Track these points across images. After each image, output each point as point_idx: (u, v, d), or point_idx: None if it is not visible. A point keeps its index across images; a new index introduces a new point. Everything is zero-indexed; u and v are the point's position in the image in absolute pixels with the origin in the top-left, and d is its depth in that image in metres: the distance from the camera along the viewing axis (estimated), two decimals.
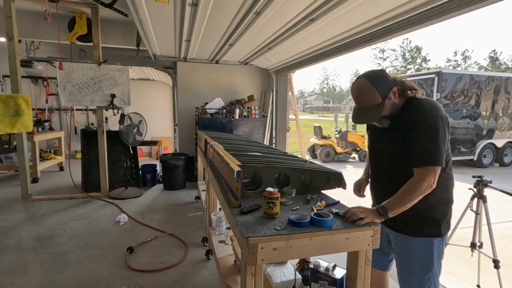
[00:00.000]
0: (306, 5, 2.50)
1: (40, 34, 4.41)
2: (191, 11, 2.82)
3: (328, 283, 1.41)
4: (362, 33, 3.01)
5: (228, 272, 1.98)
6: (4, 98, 2.87)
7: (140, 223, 3.42)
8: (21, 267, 2.44)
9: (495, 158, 7.83)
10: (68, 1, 3.80)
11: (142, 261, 2.58)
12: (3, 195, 4.39)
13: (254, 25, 3.04)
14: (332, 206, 1.39)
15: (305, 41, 3.53)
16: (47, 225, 3.32)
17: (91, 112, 7.43)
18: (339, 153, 8.72)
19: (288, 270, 1.77)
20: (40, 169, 5.22)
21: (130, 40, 4.84)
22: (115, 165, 4.83)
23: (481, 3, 1.91)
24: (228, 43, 3.91)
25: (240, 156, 1.81)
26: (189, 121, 5.25)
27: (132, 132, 4.41)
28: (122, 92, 4.38)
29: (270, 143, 5.67)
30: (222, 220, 2.61)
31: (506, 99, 7.68)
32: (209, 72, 5.34)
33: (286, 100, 5.73)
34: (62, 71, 4.07)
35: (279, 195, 1.25)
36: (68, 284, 2.23)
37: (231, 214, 1.30)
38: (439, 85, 6.72)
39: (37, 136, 5.05)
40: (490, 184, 2.15)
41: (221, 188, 1.73)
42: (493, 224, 2.18)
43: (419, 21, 2.39)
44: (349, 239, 1.15)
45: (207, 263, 2.59)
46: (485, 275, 2.38)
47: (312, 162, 1.93)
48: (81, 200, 4.24)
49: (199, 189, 4.10)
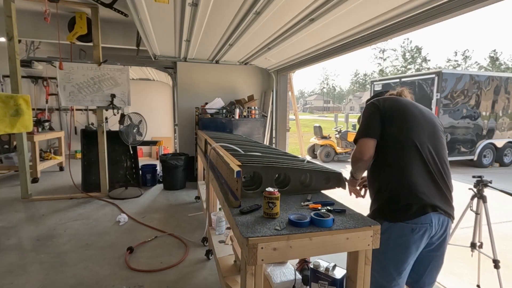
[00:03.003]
0: (306, 5, 2.50)
1: (40, 34, 4.41)
2: (191, 11, 2.82)
3: (328, 283, 1.41)
4: (362, 33, 3.01)
5: (228, 272, 1.97)
6: (4, 98, 2.87)
7: (140, 223, 3.42)
8: (21, 267, 2.44)
9: (495, 158, 7.82)
10: (68, 1, 3.80)
11: (142, 261, 2.58)
12: (3, 195, 4.39)
13: (254, 25, 3.04)
14: (328, 206, 1.39)
15: (305, 41, 3.53)
16: (47, 225, 3.32)
17: (91, 112, 7.43)
18: (339, 153, 8.72)
19: (288, 270, 1.77)
20: (40, 169, 5.22)
21: (130, 40, 4.84)
22: (115, 165, 4.83)
23: (481, 3, 1.91)
24: (228, 43, 3.91)
25: (240, 156, 1.80)
26: (189, 121, 5.25)
27: (132, 132, 4.41)
28: (122, 92, 4.38)
29: (270, 143, 5.67)
30: (222, 220, 2.61)
31: (506, 99, 7.67)
32: (209, 72, 5.34)
33: (286, 100, 5.73)
34: (62, 71, 4.07)
35: (279, 195, 1.25)
36: (68, 284, 2.23)
37: (231, 214, 1.30)
38: (439, 85, 6.72)
39: (37, 136, 5.05)
40: (490, 184, 2.14)
41: (221, 188, 1.73)
42: (493, 224, 2.18)
43: (419, 21, 2.39)
44: (349, 239, 1.15)
45: (207, 263, 2.59)
46: (485, 275, 2.38)
47: (312, 162, 1.93)
48: (81, 200, 4.24)
49: (199, 189, 4.10)
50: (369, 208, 1.49)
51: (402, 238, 1.31)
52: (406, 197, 1.31)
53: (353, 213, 1.32)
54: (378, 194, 1.43)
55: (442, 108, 6.78)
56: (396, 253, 1.33)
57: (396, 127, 1.38)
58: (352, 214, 1.31)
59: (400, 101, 1.47)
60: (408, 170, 1.33)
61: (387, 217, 1.34)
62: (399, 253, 1.32)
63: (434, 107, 6.76)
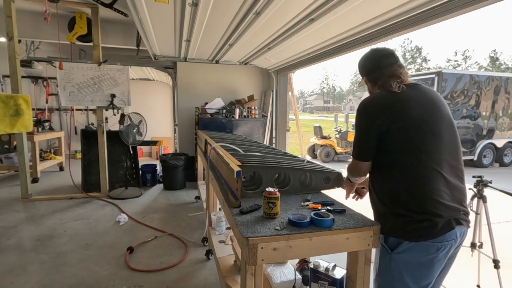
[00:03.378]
0: (306, 5, 2.50)
1: (40, 34, 4.41)
2: (191, 11, 2.82)
3: (328, 283, 1.41)
4: (362, 33, 3.01)
5: (228, 272, 1.97)
6: (4, 98, 2.87)
7: (140, 223, 3.42)
8: (21, 267, 2.44)
9: (495, 158, 7.82)
10: (68, 1, 3.80)
11: (142, 261, 2.58)
12: (3, 195, 4.39)
13: (254, 25, 3.04)
14: (328, 206, 1.39)
15: (305, 41, 3.53)
16: (47, 225, 3.32)
17: (91, 112, 7.42)
18: (339, 153, 8.72)
19: (288, 270, 1.77)
20: (40, 169, 5.22)
21: (130, 40, 4.84)
22: (115, 165, 4.83)
23: (481, 3, 1.91)
24: (228, 43, 3.91)
25: (240, 156, 1.80)
26: (189, 121, 5.25)
27: (132, 132, 4.41)
28: (122, 92, 4.38)
29: (270, 143, 5.67)
30: (222, 220, 2.61)
31: (506, 99, 7.67)
32: (209, 72, 5.34)
33: (286, 100, 5.73)
34: (62, 71, 4.07)
35: (279, 195, 1.25)
36: (68, 284, 2.23)
37: (231, 214, 1.30)
38: (439, 85, 6.72)
39: (37, 136, 5.05)
40: (490, 184, 2.14)
41: (221, 188, 1.73)
42: (493, 224, 2.18)
43: (419, 21, 2.39)
44: (349, 239, 1.15)
45: (207, 263, 2.58)
46: (485, 275, 2.38)
47: (312, 162, 1.93)
48: (81, 200, 4.24)
49: (199, 189, 4.10)
50: (377, 217, 1.29)
51: (426, 257, 1.16)
52: (429, 212, 1.14)
53: (353, 213, 1.32)
54: (390, 207, 1.22)
55: None
56: (419, 271, 1.19)
57: (403, 143, 1.18)
58: (352, 214, 1.31)
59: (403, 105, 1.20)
60: (428, 179, 1.15)
61: (409, 235, 1.16)
62: (422, 271, 1.19)
63: None
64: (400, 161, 1.19)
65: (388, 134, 1.19)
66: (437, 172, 1.16)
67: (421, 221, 1.14)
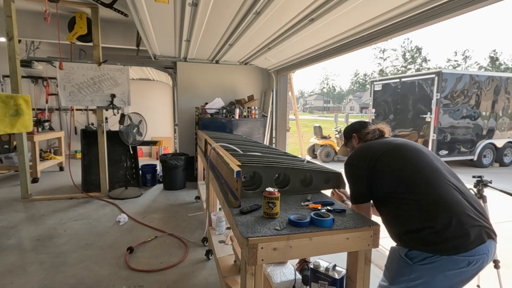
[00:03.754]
0: (306, 5, 2.50)
1: (40, 34, 4.41)
2: (191, 11, 2.82)
3: (328, 283, 1.41)
4: (362, 33, 3.01)
5: (228, 272, 1.97)
6: (4, 98, 2.87)
7: (140, 223, 3.42)
8: (21, 267, 2.44)
9: (495, 158, 7.82)
10: (68, 1, 3.80)
11: (142, 261, 2.58)
12: (3, 195, 4.39)
13: (254, 25, 3.04)
14: (328, 206, 1.39)
15: (305, 41, 3.53)
16: (47, 225, 3.32)
17: (91, 112, 7.42)
18: (339, 153, 8.71)
19: (288, 270, 1.77)
20: (40, 169, 5.22)
21: (130, 40, 4.84)
22: (115, 165, 4.83)
23: (481, 3, 1.92)
24: (228, 43, 3.91)
25: (240, 156, 1.80)
26: (189, 121, 5.25)
27: (132, 132, 4.41)
28: (122, 92, 4.38)
29: (270, 143, 5.67)
30: (222, 220, 2.61)
31: (506, 99, 7.67)
32: (209, 72, 5.34)
33: (286, 100, 5.73)
34: (62, 71, 4.07)
35: (279, 195, 1.25)
36: (68, 284, 2.23)
37: (231, 214, 1.30)
38: (439, 85, 6.71)
39: (37, 136, 5.05)
40: (490, 184, 2.14)
41: (221, 188, 1.73)
42: (493, 224, 2.18)
43: (419, 21, 2.39)
44: (349, 239, 1.15)
45: (207, 263, 2.59)
46: (485, 275, 2.38)
47: (312, 162, 1.93)
48: (81, 200, 4.24)
49: (199, 189, 4.10)
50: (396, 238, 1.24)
51: (454, 271, 1.09)
52: (461, 223, 1.09)
53: (353, 213, 1.32)
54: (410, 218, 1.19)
55: (442, 108, 6.78)
56: (442, 283, 1.12)
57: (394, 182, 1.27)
58: (352, 214, 1.31)
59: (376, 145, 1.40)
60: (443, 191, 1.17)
61: (436, 249, 1.09)
62: (446, 284, 1.12)
63: (434, 107, 6.76)
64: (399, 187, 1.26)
65: (376, 167, 1.32)
66: (447, 185, 1.21)
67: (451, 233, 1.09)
